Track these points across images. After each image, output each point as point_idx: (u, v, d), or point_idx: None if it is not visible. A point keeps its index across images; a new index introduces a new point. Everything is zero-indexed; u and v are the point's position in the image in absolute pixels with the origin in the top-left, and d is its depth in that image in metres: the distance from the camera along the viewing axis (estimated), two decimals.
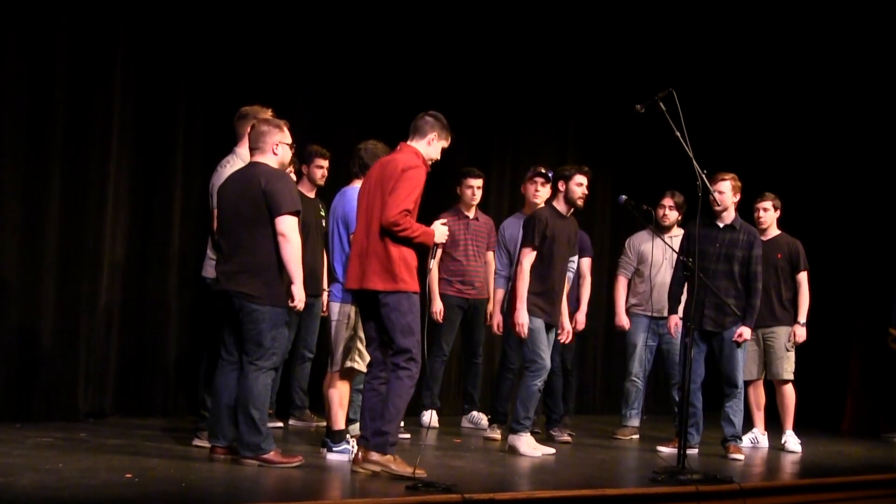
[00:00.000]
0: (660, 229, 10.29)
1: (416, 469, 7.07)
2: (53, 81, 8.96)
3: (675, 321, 9.60)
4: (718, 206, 9.35)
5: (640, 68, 12.97)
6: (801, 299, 10.26)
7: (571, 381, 10.48)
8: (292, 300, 7.33)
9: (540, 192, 9.77)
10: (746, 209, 10.02)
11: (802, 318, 10.24)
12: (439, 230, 7.28)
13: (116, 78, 9.37)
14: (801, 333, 10.23)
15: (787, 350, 10.23)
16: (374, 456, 7.09)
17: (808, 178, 13.41)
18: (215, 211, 7.65)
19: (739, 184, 9.57)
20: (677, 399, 10.33)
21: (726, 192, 9.42)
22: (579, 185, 8.86)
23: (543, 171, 9.81)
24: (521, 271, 8.75)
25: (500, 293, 9.89)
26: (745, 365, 9.73)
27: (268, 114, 7.98)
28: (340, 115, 10.97)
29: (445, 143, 7.39)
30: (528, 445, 8.75)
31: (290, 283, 7.30)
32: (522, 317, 8.69)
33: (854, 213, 13.15)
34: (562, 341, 9.32)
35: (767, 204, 10.27)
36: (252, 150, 7.50)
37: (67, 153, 9.03)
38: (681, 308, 9.53)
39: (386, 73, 11.20)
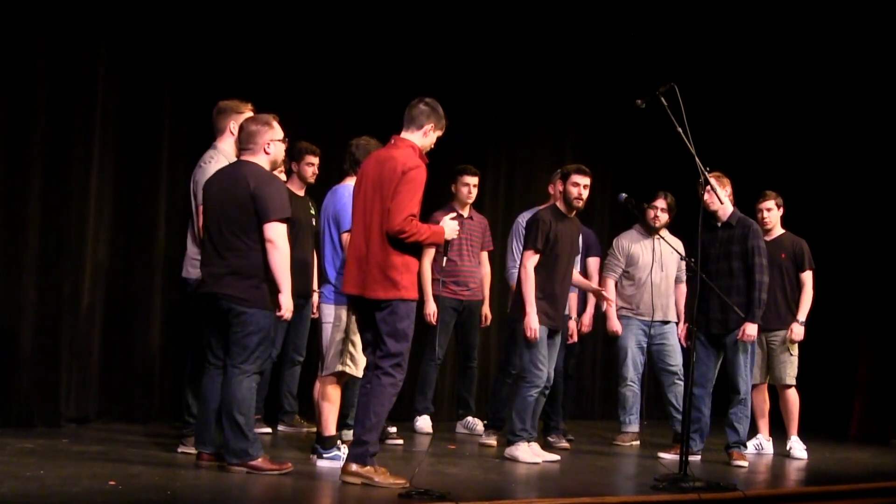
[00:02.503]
0: (649, 231, 10.30)
1: (403, 480, 7.07)
2: (34, 76, 8.95)
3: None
4: (711, 205, 9.34)
5: (640, 63, 12.98)
6: (803, 298, 10.25)
7: (570, 386, 10.49)
8: (279, 309, 7.32)
9: None
10: (750, 210, 10.00)
11: (802, 316, 10.23)
12: (449, 226, 7.28)
13: (99, 73, 9.36)
14: (798, 332, 10.21)
15: (790, 354, 10.22)
16: (354, 467, 7.09)
17: (814, 175, 13.42)
18: (200, 208, 7.65)
19: (725, 178, 9.57)
20: (673, 403, 10.37)
21: (714, 189, 9.40)
22: (575, 186, 8.85)
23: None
24: (527, 276, 8.75)
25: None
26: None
27: (248, 108, 7.98)
28: (330, 111, 10.97)
29: (440, 133, 7.37)
30: (527, 453, 8.75)
31: (277, 290, 7.30)
32: (533, 322, 8.70)
33: (860, 211, 13.15)
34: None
35: (770, 203, 10.26)
36: (243, 150, 7.48)
37: (48, 150, 9.01)
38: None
39: (377, 66, 11.20)
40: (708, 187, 9.02)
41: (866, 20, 12.95)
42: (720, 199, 9.29)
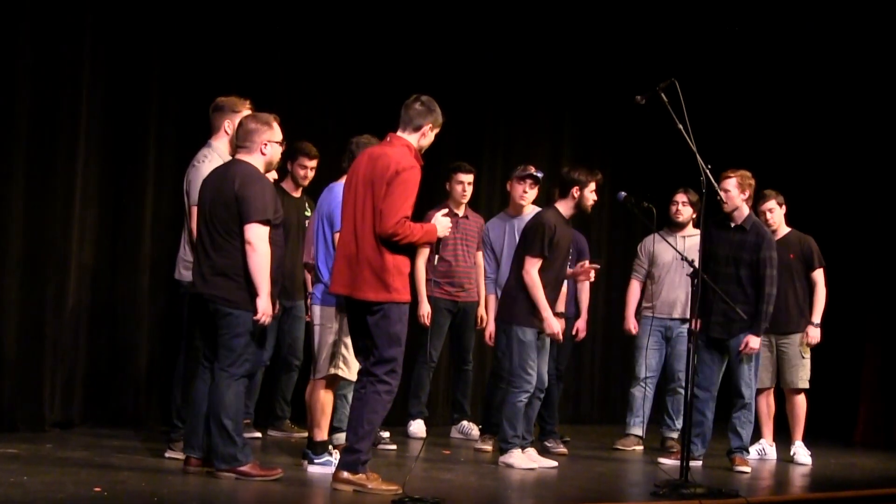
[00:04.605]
0: (672, 227, 10.35)
1: (396, 486, 7.09)
2: (17, 71, 8.94)
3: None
4: (726, 206, 9.36)
5: (639, 57, 12.98)
6: (817, 298, 10.26)
7: (561, 387, 10.49)
8: (256, 313, 7.30)
9: (528, 195, 9.79)
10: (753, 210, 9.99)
11: (817, 318, 10.24)
12: (441, 223, 7.26)
13: (84, 68, 9.34)
14: (814, 335, 10.23)
15: (803, 357, 10.22)
16: (346, 475, 7.09)
17: (818, 174, 13.41)
18: (194, 208, 7.65)
19: (751, 181, 9.53)
20: (670, 407, 10.41)
21: (732, 191, 9.40)
22: (592, 192, 8.89)
23: (534, 172, 9.80)
24: (535, 282, 8.70)
25: (492, 299, 9.91)
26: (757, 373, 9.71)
27: (246, 105, 7.97)
28: (323, 108, 10.97)
29: (439, 130, 7.36)
30: (522, 459, 8.75)
31: (255, 294, 7.27)
32: (555, 325, 8.74)
33: (867, 211, 13.15)
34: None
35: (771, 204, 10.21)
36: (238, 147, 7.48)
37: (32, 147, 9.01)
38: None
39: (372, 62, 11.19)
40: (721, 186, 9.07)
41: (872, 15, 12.94)
42: (723, 197, 9.30)
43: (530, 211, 9.72)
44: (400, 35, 11.41)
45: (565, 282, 9.48)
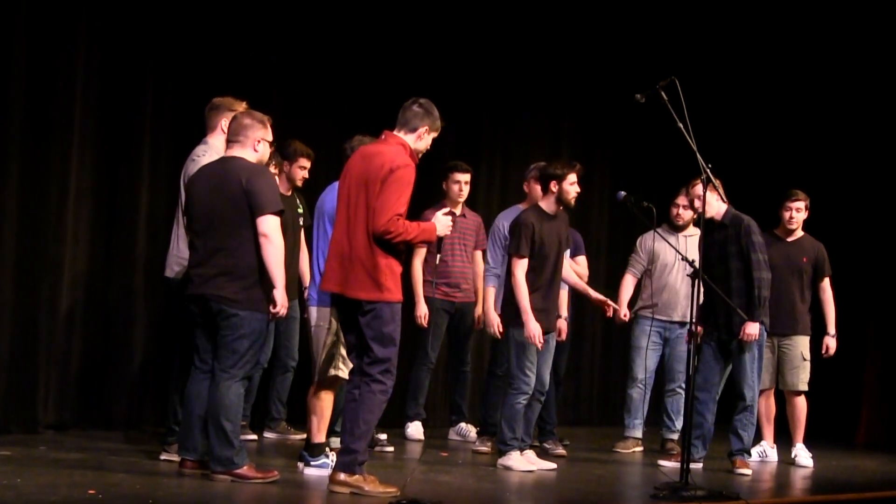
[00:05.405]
0: (674, 228, 10.34)
1: (394, 488, 7.08)
2: (10, 69, 8.94)
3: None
4: (706, 212, 9.34)
5: (640, 55, 12.98)
6: (829, 308, 10.31)
7: (559, 389, 10.49)
8: (274, 306, 7.31)
9: None
10: (762, 209, 9.94)
11: (833, 328, 10.32)
12: (441, 222, 7.27)
13: (78, 67, 9.34)
14: (832, 346, 10.34)
15: (804, 359, 10.23)
16: (342, 476, 7.09)
17: (818, 176, 13.38)
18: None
19: (717, 180, 9.55)
20: (669, 409, 10.41)
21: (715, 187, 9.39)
22: (572, 185, 8.87)
23: None
24: (518, 283, 8.70)
25: (491, 291, 9.81)
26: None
27: (243, 106, 7.98)
28: (320, 108, 10.96)
29: (436, 134, 7.37)
30: (521, 462, 8.74)
31: (271, 287, 7.28)
32: (534, 328, 8.65)
33: (868, 214, 13.14)
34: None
35: (801, 204, 10.21)
36: (230, 142, 7.48)
37: (25, 146, 9.00)
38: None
39: (369, 61, 11.19)
40: (705, 186, 9.03)
41: (879, 15, 12.94)
42: (723, 197, 9.30)
43: None
44: (398, 35, 11.41)
45: (563, 284, 9.48)
